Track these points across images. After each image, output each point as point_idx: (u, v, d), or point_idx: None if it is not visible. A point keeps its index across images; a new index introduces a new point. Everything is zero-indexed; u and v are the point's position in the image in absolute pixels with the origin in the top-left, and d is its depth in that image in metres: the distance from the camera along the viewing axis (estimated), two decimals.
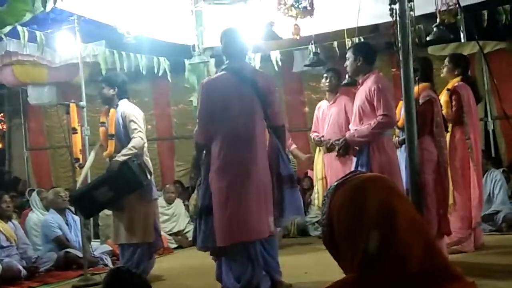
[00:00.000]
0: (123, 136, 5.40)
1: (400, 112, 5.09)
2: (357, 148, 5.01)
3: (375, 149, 4.72)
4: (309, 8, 6.20)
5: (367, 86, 4.79)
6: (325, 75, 6.65)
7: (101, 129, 5.63)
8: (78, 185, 5.79)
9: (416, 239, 1.51)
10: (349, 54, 5.01)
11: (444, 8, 5.48)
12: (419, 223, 1.56)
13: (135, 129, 5.30)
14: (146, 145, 5.54)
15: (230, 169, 4.40)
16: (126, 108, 5.45)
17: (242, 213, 4.33)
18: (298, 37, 6.44)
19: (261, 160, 4.47)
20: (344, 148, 5.01)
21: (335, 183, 1.62)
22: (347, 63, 5.00)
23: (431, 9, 5.64)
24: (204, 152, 4.61)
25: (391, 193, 1.57)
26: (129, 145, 5.24)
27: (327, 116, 6.49)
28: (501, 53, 8.57)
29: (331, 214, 1.59)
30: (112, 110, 5.52)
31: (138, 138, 5.27)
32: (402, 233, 1.49)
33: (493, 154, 8.80)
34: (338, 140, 5.14)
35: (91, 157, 5.85)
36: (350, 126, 5.09)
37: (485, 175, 7.46)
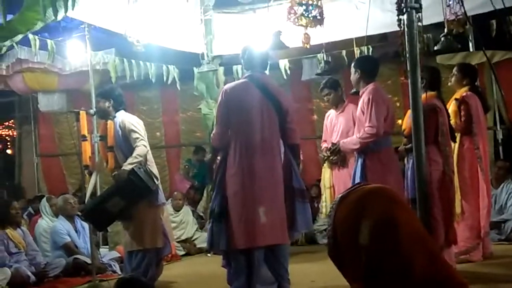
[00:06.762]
0: (124, 146, 5.41)
1: (407, 120, 5.11)
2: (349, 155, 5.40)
3: (370, 160, 4.93)
4: (319, 17, 6.23)
5: (362, 98, 5.04)
6: (322, 94, 6.66)
7: (100, 143, 5.66)
8: (87, 198, 5.82)
9: (419, 249, 1.52)
10: (351, 67, 5.27)
11: (453, 18, 5.47)
12: (422, 233, 1.57)
13: (137, 138, 5.32)
14: (150, 152, 5.56)
15: (248, 175, 4.44)
16: (124, 118, 5.45)
17: (265, 217, 4.40)
18: (308, 46, 6.47)
19: (277, 172, 4.53)
20: (335, 153, 5.59)
21: (340, 195, 1.64)
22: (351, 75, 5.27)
23: (439, 18, 5.64)
24: (220, 156, 4.66)
25: (393, 205, 1.57)
26: (134, 154, 5.27)
27: (335, 125, 6.49)
28: (510, 62, 8.54)
29: (336, 226, 1.60)
30: (109, 122, 5.53)
31: (142, 147, 5.30)
32: (404, 243, 1.50)
33: None
34: (334, 144, 5.53)
35: (92, 180, 5.87)
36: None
37: (502, 185, 7.43)
